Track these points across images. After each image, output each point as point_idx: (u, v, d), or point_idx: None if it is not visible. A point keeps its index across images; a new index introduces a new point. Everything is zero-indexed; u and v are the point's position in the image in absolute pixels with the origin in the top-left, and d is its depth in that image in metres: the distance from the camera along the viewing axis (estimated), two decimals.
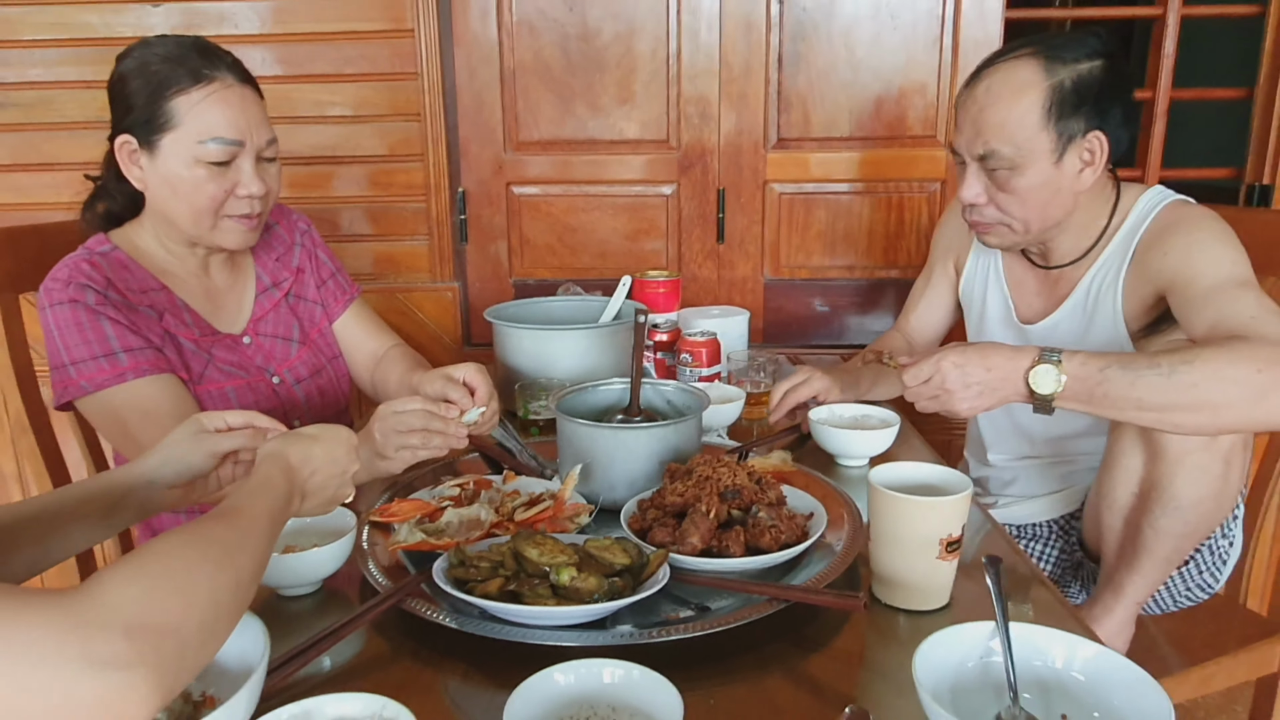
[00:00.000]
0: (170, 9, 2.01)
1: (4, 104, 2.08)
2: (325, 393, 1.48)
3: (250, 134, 1.24)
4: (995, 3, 1.92)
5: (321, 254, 1.54)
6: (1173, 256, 1.24)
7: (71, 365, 1.20)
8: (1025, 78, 1.28)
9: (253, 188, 1.25)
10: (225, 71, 1.23)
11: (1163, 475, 1.18)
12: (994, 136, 1.29)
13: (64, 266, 1.24)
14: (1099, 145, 1.30)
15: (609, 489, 1.15)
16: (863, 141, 2.03)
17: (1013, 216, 1.35)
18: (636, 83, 2.03)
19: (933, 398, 1.18)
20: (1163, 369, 1.06)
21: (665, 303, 1.76)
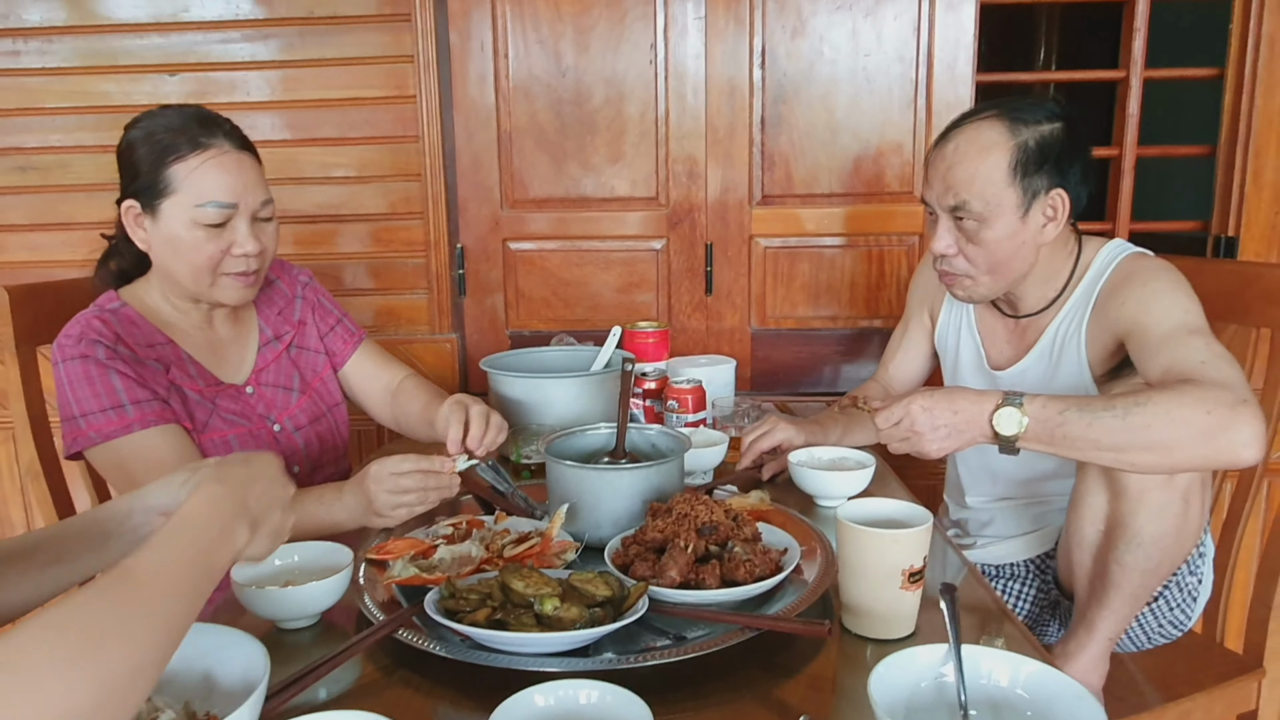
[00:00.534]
0: (185, 77, 2.12)
1: (25, 167, 2.19)
2: (324, 439, 1.55)
3: (244, 196, 1.31)
4: (965, 68, 2.03)
5: (325, 303, 1.61)
6: (1130, 305, 1.32)
7: (81, 417, 1.26)
8: (992, 137, 1.37)
9: (248, 247, 1.32)
10: (221, 139, 1.31)
11: (1125, 512, 1.24)
12: (964, 190, 1.37)
13: (76, 323, 1.31)
14: (1060, 202, 1.39)
15: (595, 527, 1.20)
16: (843, 197, 2.12)
17: (979, 268, 1.42)
18: (627, 143, 2.13)
19: (903, 439, 1.24)
20: (1118, 411, 1.12)
21: (655, 352, 1.84)
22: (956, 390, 1.24)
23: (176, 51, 2.11)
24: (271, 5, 2.08)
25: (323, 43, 2.09)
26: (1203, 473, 1.25)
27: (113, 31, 2.10)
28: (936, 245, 1.43)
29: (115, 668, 0.57)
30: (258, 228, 1.34)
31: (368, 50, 2.09)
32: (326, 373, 1.59)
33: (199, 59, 2.11)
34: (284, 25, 2.09)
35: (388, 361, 1.63)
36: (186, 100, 2.10)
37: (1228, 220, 2.08)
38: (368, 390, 1.62)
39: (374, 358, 1.62)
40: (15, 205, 2.20)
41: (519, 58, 2.10)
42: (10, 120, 2.15)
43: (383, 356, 1.64)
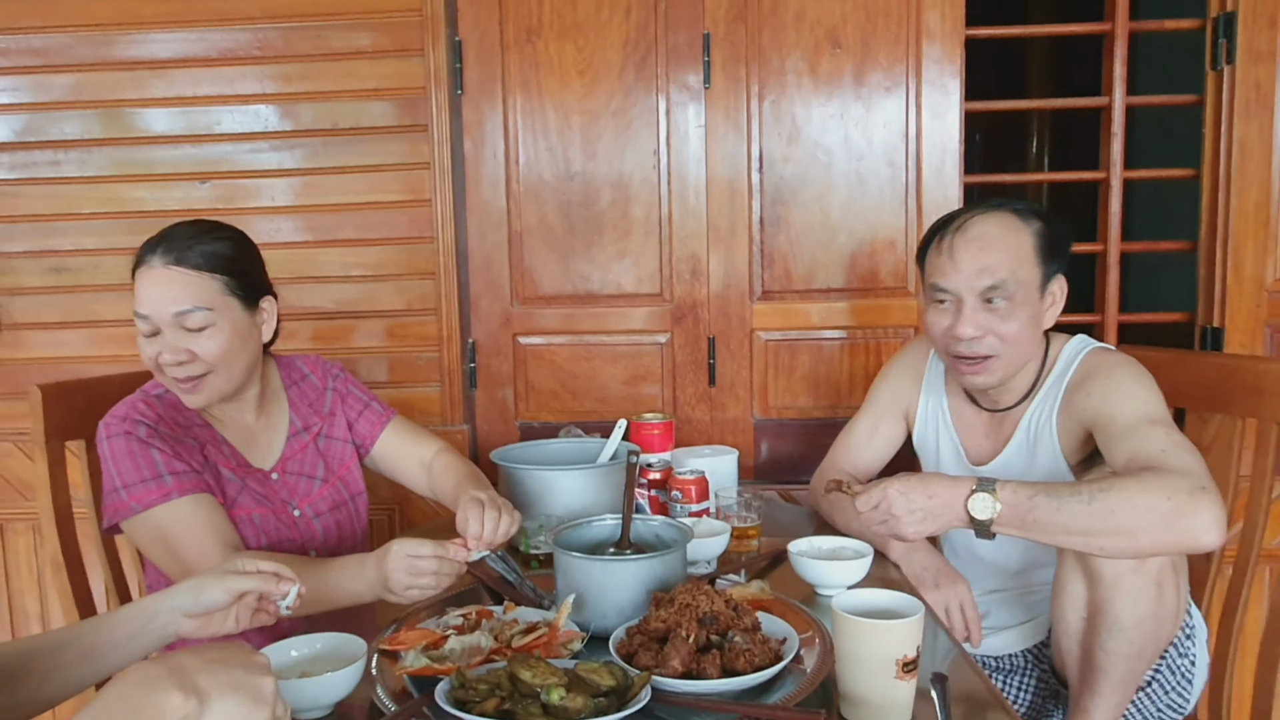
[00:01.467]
0: (215, 184, 2.24)
1: (60, 269, 2.30)
2: (342, 526, 1.61)
3: (158, 309, 1.37)
4: (953, 170, 2.14)
5: (355, 390, 1.69)
6: (1095, 397, 1.38)
7: (123, 488, 1.35)
8: (1013, 223, 1.47)
9: (166, 355, 1.37)
10: (156, 255, 1.38)
11: (1104, 599, 1.27)
12: (1002, 269, 1.44)
13: (123, 405, 1.42)
14: (1060, 288, 1.49)
15: (600, 617, 1.24)
16: (840, 292, 2.21)
17: (1010, 347, 1.46)
18: (632, 242, 2.23)
19: (881, 522, 1.30)
20: (1083, 497, 1.18)
21: (660, 443, 1.89)
22: (932, 476, 1.31)
23: (208, 160, 2.24)
24: (298, 118, 2.22)
25: (344, 151, 2.22)
26: (1173, 558, 1.28)
27: (148, 143, 2.24)
28: (964, 329, 1.46)
29: None
30: (184, 337, 1.38)
31: (387, 158, 2.22)
32: (352, 463, 1.65)
33: (229, 167, 2.24)
34: (309, 136, 2.22)
35: (420, 436, 1.69)
36: (214, 206, 2.23)
37: (1213, 312, 2.15)
38: (402, 465, 1.68)
39: (405, 434, 1.68)
40: (48, 304, 2.30)
41: (529, 163, 2.22)
42: (49, 225, 2.27)
43: (414, 432, 1.70)
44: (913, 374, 1.73)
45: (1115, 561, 1.25)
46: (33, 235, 2.29)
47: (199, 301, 1.38)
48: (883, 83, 2.14)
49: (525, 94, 2.20)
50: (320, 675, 1.04)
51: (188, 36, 2.21)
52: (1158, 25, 2.25)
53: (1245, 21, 2.04)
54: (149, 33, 2.21)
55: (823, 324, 2.22)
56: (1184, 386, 1.70)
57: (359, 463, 1.67)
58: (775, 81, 2.16)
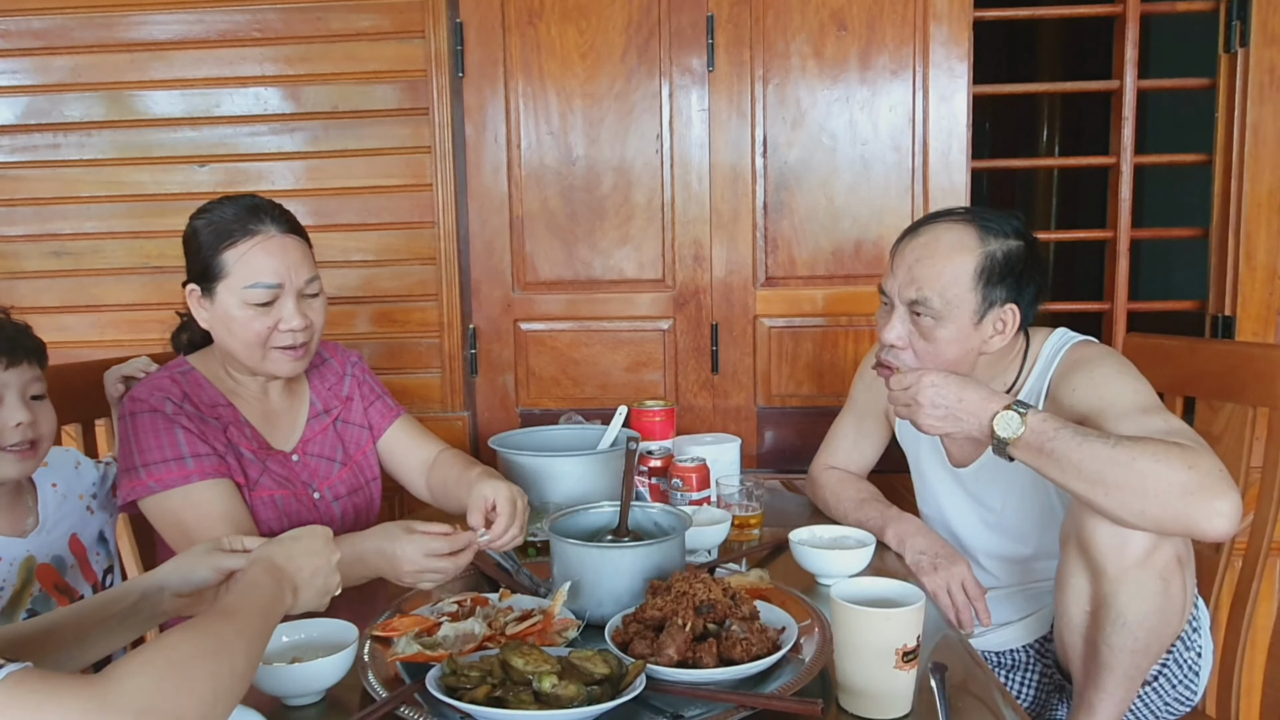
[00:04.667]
0: (215, 168, 2.23)
1: (60, 253, 2.29)
2: (360, 510, 1.62)
3: (288, 276, 1.40)
4: (960, 155, 2.11)
5: (370, 380, 1.69)
6: (1081, 391, 1.36)
7: (143, 467, 1.35)
8: (962, 240, 1.41)
9: (294, 323, 1.40)
10: (269, 224, 1.41)
11: (1108, 593, 1.25)
12: (928, 286, 1.40)
13: (148, 382, 1.43)
14: (1011, 317, 1.43)
15: (596, 605, 1.23)
16: (844, 279, 2.18)
17: (923, 364, 1.43)
18: (634, 227, 2.21)
19: (905, 405, 1.33)
20: (1109, 441, 1.17)
21: (661, 431, 1.87)
22: (971, 381, 1.31)
23: (207, 144, 2.22)
24: (298, 101, 2.20)
25: (345, 135, 2.20)
26: (1180, 551, 1.26)
27: (148, 125, 2.22)
28: (887, 335, 1.46)
29: (238, 666, 0.77)
30: (304, 304, 1.43)
31: (388, 142, 2.20)
32: (369, 447, 1.65)
33: (228, 150, 2.22)
34: (310, 119, 2.20)
35: (425, 438, 1.68)
36: (214, 189, 2.21)
37: (1224, 300, 2.11)
38: (404, 463, 1.67)
39: (411, 433, 1.68)
40: (49, 288, 2.29)
41: (531, 148, 2.20)
42: (50, 209, 2.26)
43: (420, 433, 1.69)
44: None
45: (1120, 555, 1.23)
46: (33, 219, 2.28)
47: (315, 270, 1.45)
48: (889, 66, 2.10)
49: (527, 77, 2.18)
50: (311, 661, 1.03)
51: (187, 18, 2.19)
52: (1170, 7, 2.21)
53: (1260, 3, 2.00)
54: (149, 14, 2.19)
55: (827, 311, 2.20)
56: (1194, 375, 1.67)
57: (374, 448, 1.66)
58: (780, 65, 2.13)
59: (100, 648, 1.00)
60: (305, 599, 1.00)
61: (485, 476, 1.43)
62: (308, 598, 1.00)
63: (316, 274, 1.46)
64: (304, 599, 0.99)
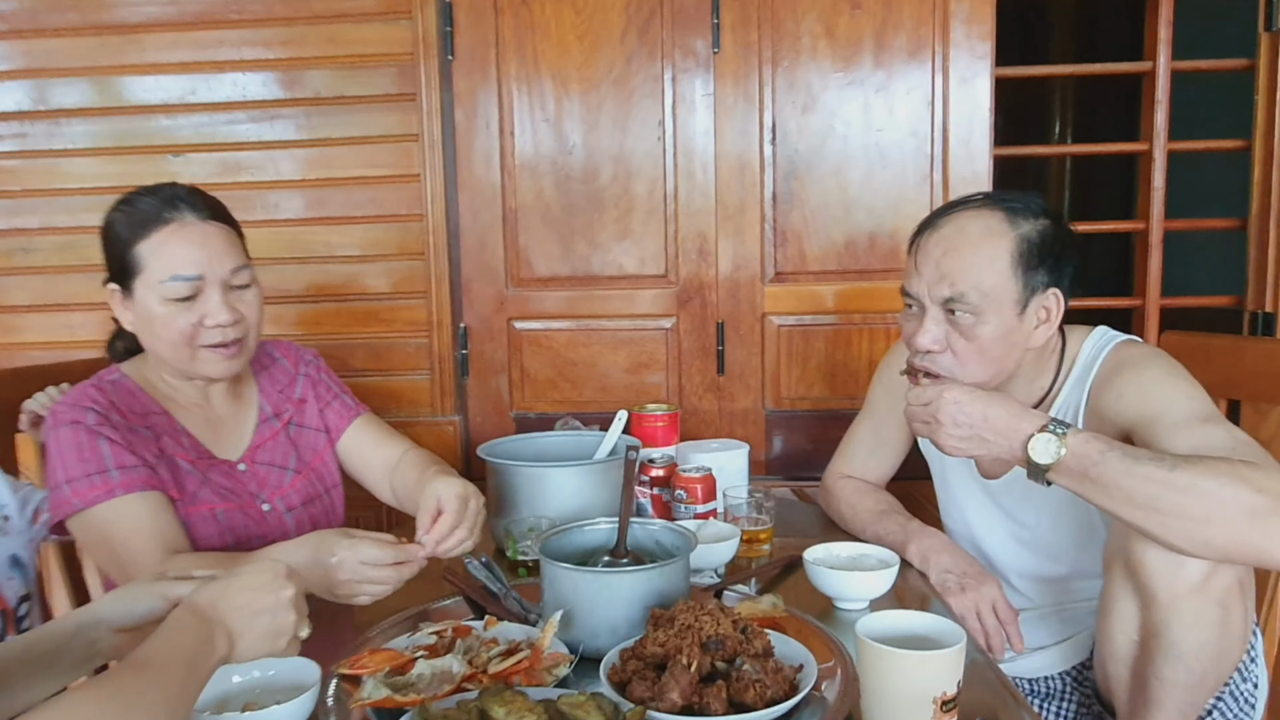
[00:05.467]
0: (190, 159, 2.11)
1: (30, 249, 2.17)
2: (316, 521, 1.49)
3: (210, 266, 1.28)
4: (982, 142, 1.98)
5: (326, 379, 1.57)
6: (1128, 397, 1.23)
7: (67, 484, 1.24)
8: (991, 225, 1.29)
9: (220, 317, 1.28)
10: (186, 212, 1.28)
11: (1159, 621, 1.12)
12: (962, 279, 1.27)
13: (73, 392, 1.31)
14: (1056, 303, 1.31)
15: (591, 636, 1.10)
16: (858, 274, 2.05)
17: (967, 367, 1.31)
18: (635, 220, 2.08)
19: (924, 422, 1.21)
20: (1165, 464, 1.04)
21: (665, 436, 1.74)
22: (997, 397, 1.18)
23: (183, 133, 2.10)
24: (279, 87, 2.08)
25: (328, 123, 2.08)
26: (1241, 575, 1.13)
27: (120, 114, 2.10)
28: (921, 340, 1.31)
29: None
30: (232, 296, 1.31)
31: (373, 130, 2.08)
32: (327, 452, 1.53)
33: (204, 140, 2.10)
34: (289, 106, 2.08)
35: (388, 437, 1.56)
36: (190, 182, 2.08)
37: (1264, 295, 1.98)
38: (366, 466, 1.55)
39: (373, 432, 1.55)
40: (17, 286, 2.18)
41: (525, 136, 2.07)
42: (15, 202, 2.14)
43: (383, 432, 1.57)
44: None
45: (1173, 580, 1.10)
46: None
47: (244, 259, 1.33)
48: (906, 46, 1.97)
49: (520, 60, 2.05)
50: (267, 708, 0.91)
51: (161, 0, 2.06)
52: None
53: None
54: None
55: (840, 308, 2.07)
56: (1238, 376, 1.56)
57: (333, 452, 1.54)
58: (790, 45, 2.00)
59: (22, 695, 0.87)
60: (249, 646, 0.85)
61: (439, 475, 1.32)
62: (252, 644, 0.85)
63: (245, 263, 1.33)
64: (247, 646, 0.85)
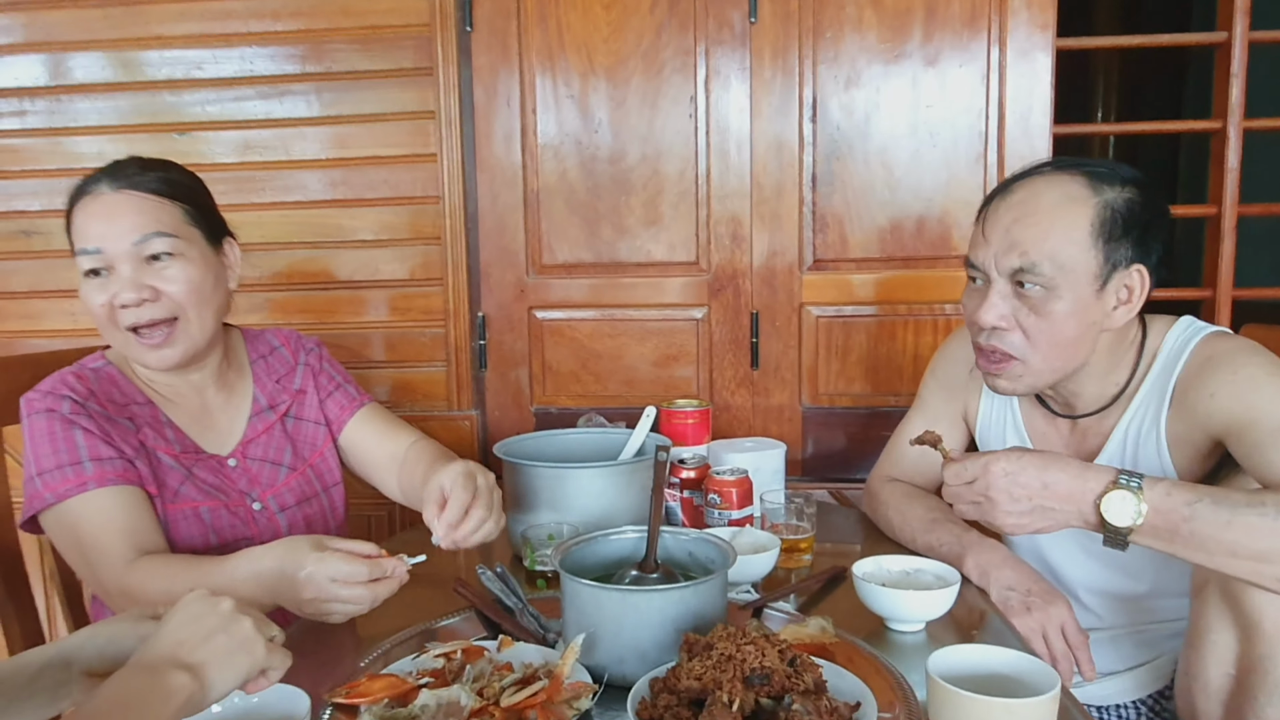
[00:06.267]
0: (196, 137, 2.00)
1: (30, 232, 2.08)
2: (312, 523, 1.39)
3: (110, 240, 1.18)
4: (1042, 118, 1.83)
5: (329, 369, 1.47)
6: (1221, 397, 1.09)
7: (39, 476, 1.17)
8: (1071, 190, 1.16)
9: (124, 296, 1.18)
10: (103, 183, 1.20)
11: (1263, 656, 0.99)
12: (1035, 249, 1.15)
13: (50, 379, 1.24)
14: (1139, 282, 1.17)
15: (616, 662, 0.98)
16: (904, 262, 1.91)
17: (1038, 348, 1.18)
18: (664, 203, 1.95)
19: (973, 503, 1.07)
20: (1267, 510, 0.92)
21: (695, 434, 1.62)
22: (1051, 457, 1.05)
23: (188, 110, 2.00)
24: (288, 61, 1.97)
25: (340, 99, 1.97)
26: None
27: (122, 90, 2.00)
28: (985, 315, 1.19)
29: None
30: (146, 272, 1.19)
31: (387, 107, 1.96)
32: (326, 447, 1.43)
33: (210, 118, 2.00)
34: (299, 81, 1.97)
35: (395, 429, 1.45)
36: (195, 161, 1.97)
37: None
38: (370, 461, 1.44)
39: (378, 424, 1.44)
40: (16, 271, 2.09)
41: (548, 113, 1.95)
42: (15, 183, 2.05)
43: (389, 423, 1.46)
44: (968, 367, 1.43)
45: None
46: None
47: (161, 227, 1.20)
48: (959, 15, 1.82)
49: (543, 32, 1.92)
50: None
51: None
52: None
53: None
54: None
55: (884, 298, 1.93)
56: None
57: (334, 447, 1.44)
58: (832, 15, 1.86)
59: None
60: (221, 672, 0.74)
61: (445, 463, 1.21)
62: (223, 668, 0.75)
63: (163, 231, 1.19)
64: (219, 674, 0.74)
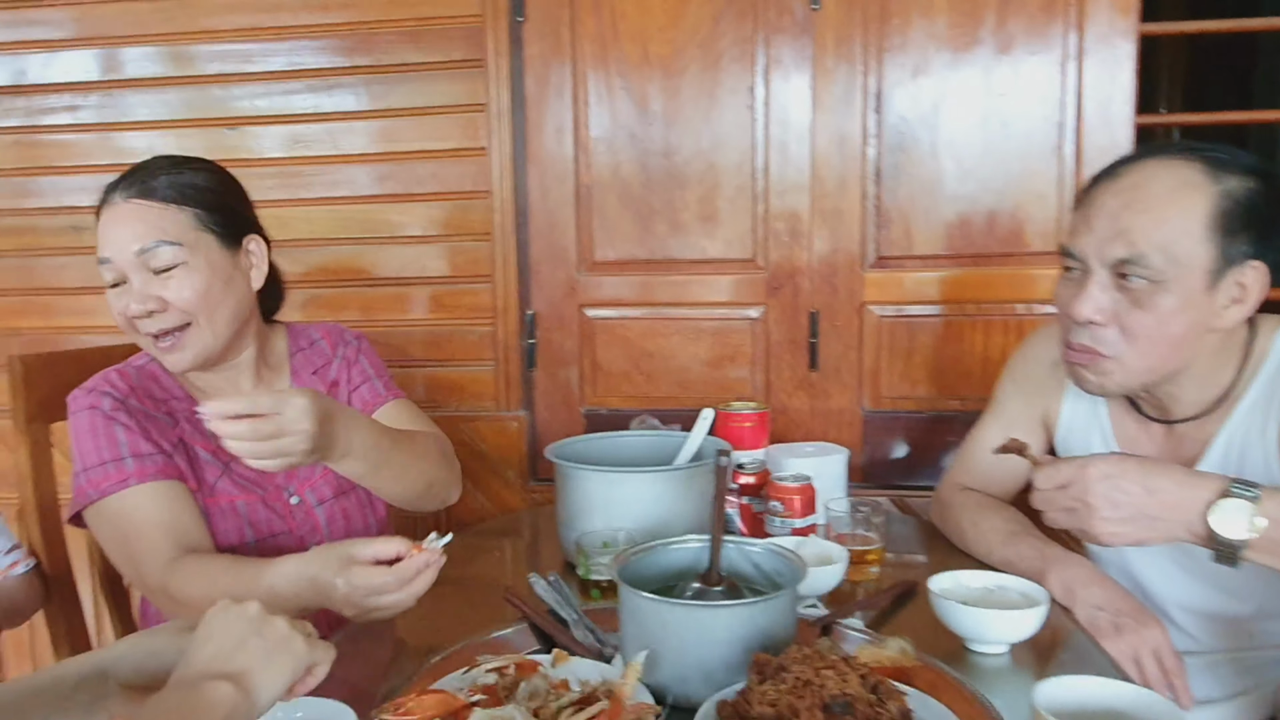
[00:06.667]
0: (245, 131, 1.98)
1: (80, 227, 2.07)
2: (350, 516, 1.36)
3: (116, 250, 1.18)
4: (1124, 107, 1.72)
5: (363, 361, 1.43)
6: None
7: (83, 472, 1.19)
8: (1187, 177, 1.07)
9: (134, 305, 1.18)
10: (118, 192, 1.21)
11: None
12: (1143, 238, 1.06)
13: (94, 378, 1.25)
14: (1256, 279, 1.07)
15: (679, 681, 0.92)
16: (973, 259, 1.81)
17: (1136, 346, 1.10)
18: (720, 198, 1.88)
19: (1067, 510, 0.98)
20: None
21: (752, 438, 1.55)
22: (1157, 463, 0.97)
23: (237, 105, 1.97)
24: (336, 54, 1.93)
25: (388, 92, 1.93)
26: None
27: (173, 84, 1.99)
28: (1083, 308, 1.11)
29: None
30: (152, 282, 1.19)
31: (436, 99, 1.92)
32: None
33: (259, 112, 1.97)
34: (349, 74, 1.94)
35: (412, 425, 1.38)
36: (242, 156, 1.97)
37: None
38: None
39: (399, 421, 1.36)
40: (67, 266, 2.09)
41: (601, 106, 1.89)
42: (66, 179, 2.05)
43: (410, 420, 1.38)
44: (1049, 368, 1.34)
45: None
46: (48, 190, 2.07)
47: (165, 236, 1.18)
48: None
49: (597, 21, 1.87)
50: None
51: None
52: None
53: None
54: None
55: (951, 297, 1.83)
56: None
57: None
58: (899, 2, 1.77)
59: None
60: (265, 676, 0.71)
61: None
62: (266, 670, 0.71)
63: (167, 240, 1.18)
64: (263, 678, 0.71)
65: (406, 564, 1.01)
